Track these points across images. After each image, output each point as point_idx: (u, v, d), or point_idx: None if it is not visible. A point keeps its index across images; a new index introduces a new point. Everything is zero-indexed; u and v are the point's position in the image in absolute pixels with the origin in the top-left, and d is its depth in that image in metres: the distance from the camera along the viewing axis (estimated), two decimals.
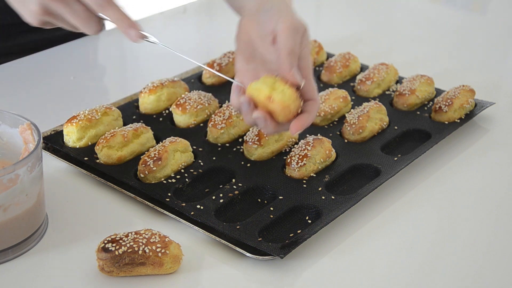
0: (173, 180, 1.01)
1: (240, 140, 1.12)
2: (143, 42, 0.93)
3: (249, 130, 1.10)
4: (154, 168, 1.00)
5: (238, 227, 0.91)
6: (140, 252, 0.83)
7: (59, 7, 0.89)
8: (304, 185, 1.00)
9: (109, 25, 1.39)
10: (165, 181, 1.00)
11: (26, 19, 0.93)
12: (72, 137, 1.07)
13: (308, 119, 0.93)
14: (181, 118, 1.15)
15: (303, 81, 0.93)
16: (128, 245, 0.83)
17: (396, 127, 1.16)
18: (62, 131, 1.10)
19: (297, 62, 0.94)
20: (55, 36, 1.44)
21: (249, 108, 0.93)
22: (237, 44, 1.00)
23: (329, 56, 1.41)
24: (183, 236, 0.92)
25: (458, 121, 1.17)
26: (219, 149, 1.09)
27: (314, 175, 1.03)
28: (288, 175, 1.03)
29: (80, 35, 1.49)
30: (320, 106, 1.16)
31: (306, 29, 0.97)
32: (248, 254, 0.87)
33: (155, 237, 0.84)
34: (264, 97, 0.91)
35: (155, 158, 1.00)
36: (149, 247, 0.83)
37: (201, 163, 1.05)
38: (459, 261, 0.91)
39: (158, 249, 0.83)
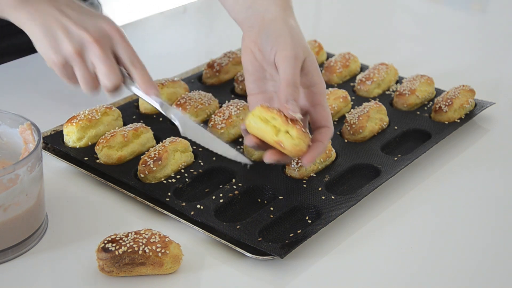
0: (173, 180, 1.01)
1: (240, 140, 1.12)
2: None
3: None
4: (154, 168, 1.00)
5: (238, 227, 0.91)
6: (140, 252, 0.83)
7: (83, 66, 0.95)
8: (304, 185, 1.00)
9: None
10: (165, 181, 1.00)
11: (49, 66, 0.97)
12: (72, 137, 1.07)
13: (320, 149, 0.92)
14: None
15: (298, 115, 0.90)
16: (128, 245, 0.83)
17: (396, 127, 1.16)
18: (62, 131, 1.10)
19: (298, 93, 0.92)
20: None
21: (259, 147, 0.93)
22: (245, 65, 0.99)
23: (329, 56, 1.41)
24: (183, 236, 0.92)
25: (458, 121, 1.17)
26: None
27: (314, 175, 1.03)
28: (288, 175, 1.03)
29: None
30: None
31: (308, 54, 0.95)
32: (248, 254, 0.87)
33: (155, 237, 0.84)
34: (273, 141, 0.90)
35: (155, 158, 1.00)
36: (149, 247, 0.83)
37: (201, 163, 1.05)
38: (459, 261, 0.91)
39: (158, 249, 0.83)
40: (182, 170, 1.03)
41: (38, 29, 0.94)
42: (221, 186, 1.01)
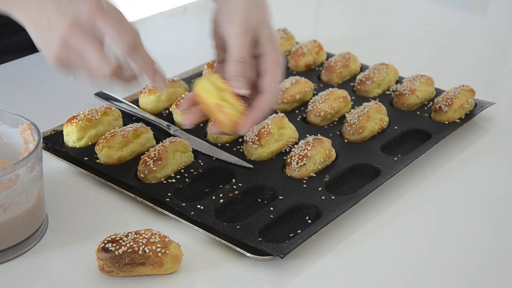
0: (173, 180, 1.01)
1: (240, 140, 1.12)
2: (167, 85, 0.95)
3: (249, 130, 1.10)
4: (154, 168, 1.00)
5: (238, 227, 0.91)
6: (140, 252, 0.83)
7: (80, 42, 0.86)
8: (304, 185, 1.00)
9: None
10: (165, 181, 1.00)
11: (48, 60, 0.90)
12: (72, 137, 1.07)
13: (255, 115, 0.92)
14: (181, 118, 1.15)
15: (246, 91, 0.92)
16: (128, 245, 0.83)
17: (396, 127, 1.16)
18: (62, 131, 1.10)
19: (246, 68, 0.92)
20: None
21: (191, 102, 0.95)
22: (211, 36, 1.00)
23: (329, 56, 1.41)
24: (183, 236, 0.92)
25: (458, 121, 1.17)
26: (219, 149, 1.09)
27: (314, 175, 1.03)
28: (288, 175, 1.03)
29: None
30: (320, 106, 1.16)
31: (264, 26, 0.95)
32: (248, 254, 0.87)
33: (155, 237, 0.84)
34: (213, 104, 0.91)
35: (155, 158, 1.00)
36: (149, 247, 0.83)
37: (201, 163, 1.05)
38: (459, 260, 0.91)
39: (158, 249, 0.83)
40: (182, 170, 1.03)
41: (31, 19, 0.92)
42: (221, 186, 1.01)
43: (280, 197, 0.98)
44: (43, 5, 0.87)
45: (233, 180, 1.01)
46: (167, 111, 1.19)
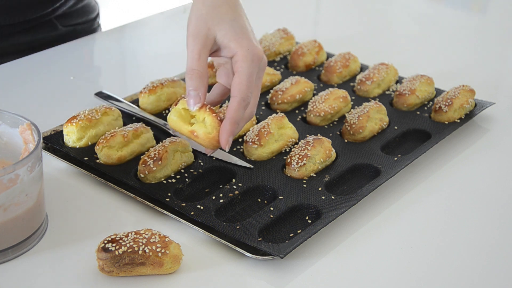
0: (173, 180, 1.01)
1: (240, 140, 1.12)
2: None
3: (249, 130, 1.10)
4: (154, 168, 1.00)
5: (238, 227, 0.91)
6: (140, 252, 0.83)
7: None
8: (304, 185, 1.00)
9: (107, 26, 1.40)
10: (165, 181, 1.00)
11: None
12: (72, 137, 1.07)
13: (226, 126, 0.89)
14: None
15: (197, 106, 0.89)
16: (128, 245, 0.83)
17: (396, 127, 1.16)
18: (62, 131, 1.10)
19: (200, 78, 0.89)
20: (49, 37, 1.43)
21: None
22: (203, 41, 0.93)
23: (329, 56, 1.41)
24: (183, 236, 0.92)
25: (458, 121, 1.17)
26: (219, 149, 1.09)
27: (314, 175, 1.03)
28: (288, 175, 1.03)
29: (75, 35, 1.49)
30: (320, 106, 1.16)
31: (219, 29, 0.91)
32: (248, 254, 0.87)
33: (155, 237, 0.84)
34: (188, 132, 0.91)
35: (155, 158, 1.00)
36: (149, 247, 0.83)
37: (201, 163, 1.05)
38: (459, 260, 0.91)
39: (158, 249, 0.83)
40: (182, 170, 1.03)
41: None
42: (221, 186, 1.01)
43: (280, 197, 0.98)
44: None
45: (233, 180, 1.01)
46: (167, 111, 1.19)
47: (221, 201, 0.97)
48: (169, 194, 0.97)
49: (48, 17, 1.41)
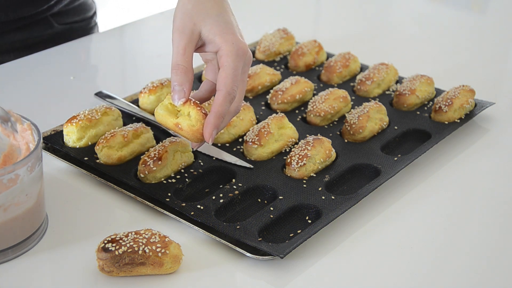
0: (173, 180, 1.01)
1: (240, 140, 1.12)
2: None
3: (249, 130, 1.10)
4: (154, 168, 1.00)
5: (238, 227, 0.91)
6: (140, 252, 0.83)
7: None
8: (304, 185, 1.00)
9: (107, 25, 1.40)
10: (165, 181, 1.00)
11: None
12: (72, 137, 1.07)
13: (211, 119, 0.88)
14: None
15: (181, 101, 0.89)
16: (128, 245, 0.83)
17: (396, 127, 1.16)
18: (62, 131, 1.10)
19: (184, 73, 0.90)
20: (45, 35, 1.43)
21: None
22: (188, 36, 0.92)
23: (329, 56, 1.41)
24: (183, 236, 0.92)
25: (458, 121, 1.17)
26: (219, 149, 1.09)
27: (314, 175, 1.03)
28: (288, 175, 1.03)
29: (71, 33, 1.49)
30: (320, 106, 1.16)
31: (204, 24, 0.91)
32: (248, 254, 0.87)
33: (155, 237, 0.84)
34: (173, 125, 0.91)
35: (155, 158, 1.00)
36: (149, 247, 0.83)
37: (201, 163, 1.05)
38: (459, 260, 0.91)
39: (158, 249, 0.83)
40: (182, 170, 1.03)
41: None
42: (221, 186, 1.01)
43: (280, 197, 0.98)
44: None
45: (233, 180, 1.01)
46: None
47: (221, 201, 0.97)
48: (169, 194, 0.97)
49: (44, 15, 1.41)
